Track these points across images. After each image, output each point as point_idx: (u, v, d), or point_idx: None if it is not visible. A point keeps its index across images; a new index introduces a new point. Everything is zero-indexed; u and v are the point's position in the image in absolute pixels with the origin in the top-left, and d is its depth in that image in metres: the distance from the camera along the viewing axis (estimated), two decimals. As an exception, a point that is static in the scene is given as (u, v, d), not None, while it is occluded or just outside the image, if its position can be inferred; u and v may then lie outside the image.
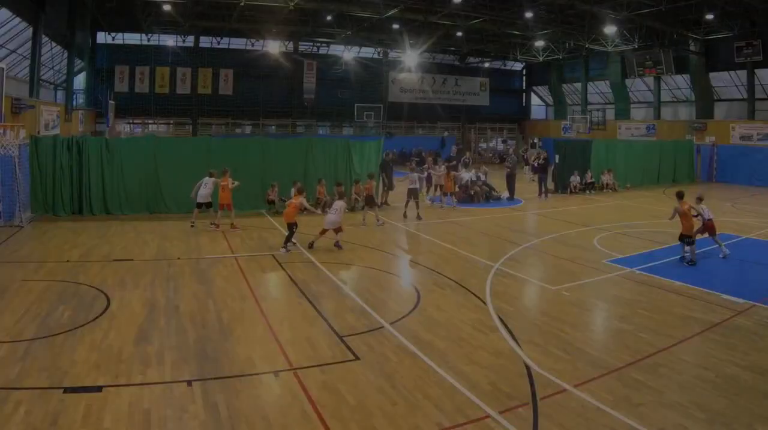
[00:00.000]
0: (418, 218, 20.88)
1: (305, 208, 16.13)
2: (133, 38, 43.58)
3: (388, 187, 24.24)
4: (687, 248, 14.38)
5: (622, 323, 10.30)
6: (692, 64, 39.42)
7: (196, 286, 12.20)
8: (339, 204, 16.18)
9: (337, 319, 10.30)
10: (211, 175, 18.05)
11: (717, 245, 15.13)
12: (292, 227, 15.43)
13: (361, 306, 11.01)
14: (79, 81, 37.88)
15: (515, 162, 29.33)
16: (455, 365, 8.30)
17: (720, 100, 40.55)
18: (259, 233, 18.13)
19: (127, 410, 6.91)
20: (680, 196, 14.70)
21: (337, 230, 15.73)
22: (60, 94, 33.88)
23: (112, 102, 37.81)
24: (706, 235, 15.11)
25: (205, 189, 17.97)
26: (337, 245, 15.70)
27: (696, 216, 14.83)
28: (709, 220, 14.93)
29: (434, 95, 51.95)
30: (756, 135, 35.76)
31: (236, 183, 18.29)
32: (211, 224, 18.36)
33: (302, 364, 8.38)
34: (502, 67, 56.90)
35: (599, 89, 49.60)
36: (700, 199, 15.27)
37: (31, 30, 26.43)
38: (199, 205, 18.20)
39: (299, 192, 16.21)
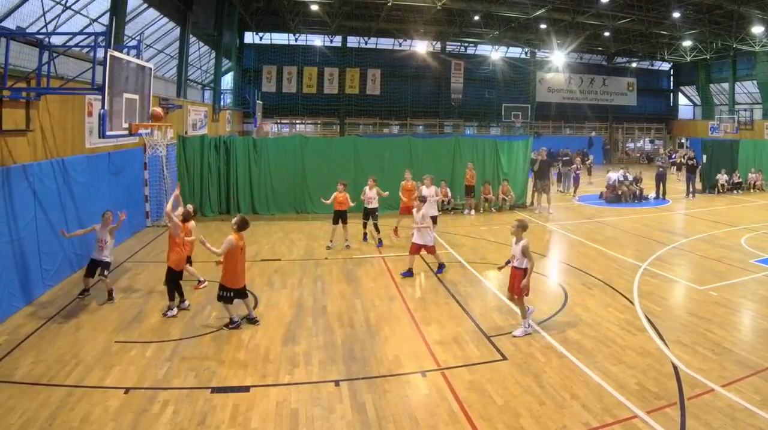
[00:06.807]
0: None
1: None
2: (280, 38, 46.62)
3: (541, 188, 23.84)
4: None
5: (769, 322, 10.61)
6: (841, 64, 38.30)
7: (343, 286, 12.69)
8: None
9: (484, 319, 10.64)
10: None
11: None
12: None
13: (508, 306, 11.15)
14: (227, 81, 40.74)
15: (667, 161, 30.51)
16: (603, 365, 8.68)
17: None
18: (406, 232, 18.30)
19: (275, 410, 7.30)
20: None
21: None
22: (207, 94, 36.18)
23: (259, 102, 40.17)
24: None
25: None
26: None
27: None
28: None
29: (581, 95, 54.14)
30: None
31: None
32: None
33: (450, 364, 8.65)
34: (650, 67, 58.42)
35: (747, 89, 50.11)
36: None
37: (178, 30, 28.29)
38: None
39: None
